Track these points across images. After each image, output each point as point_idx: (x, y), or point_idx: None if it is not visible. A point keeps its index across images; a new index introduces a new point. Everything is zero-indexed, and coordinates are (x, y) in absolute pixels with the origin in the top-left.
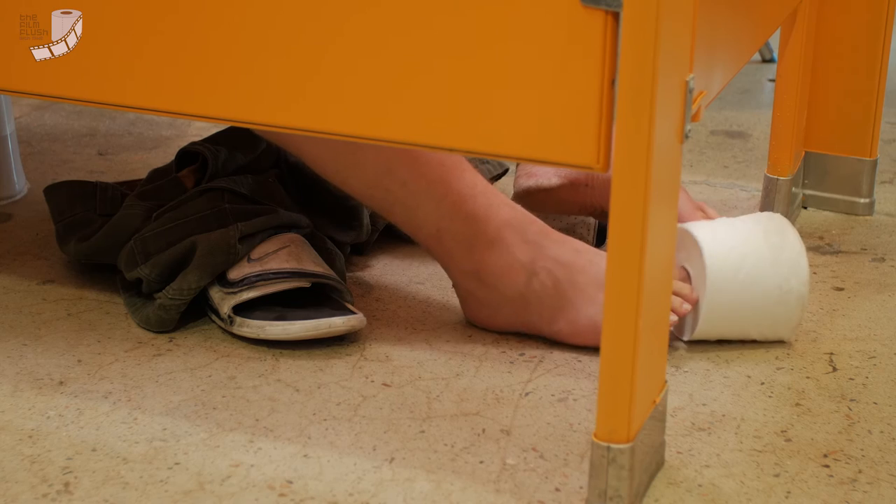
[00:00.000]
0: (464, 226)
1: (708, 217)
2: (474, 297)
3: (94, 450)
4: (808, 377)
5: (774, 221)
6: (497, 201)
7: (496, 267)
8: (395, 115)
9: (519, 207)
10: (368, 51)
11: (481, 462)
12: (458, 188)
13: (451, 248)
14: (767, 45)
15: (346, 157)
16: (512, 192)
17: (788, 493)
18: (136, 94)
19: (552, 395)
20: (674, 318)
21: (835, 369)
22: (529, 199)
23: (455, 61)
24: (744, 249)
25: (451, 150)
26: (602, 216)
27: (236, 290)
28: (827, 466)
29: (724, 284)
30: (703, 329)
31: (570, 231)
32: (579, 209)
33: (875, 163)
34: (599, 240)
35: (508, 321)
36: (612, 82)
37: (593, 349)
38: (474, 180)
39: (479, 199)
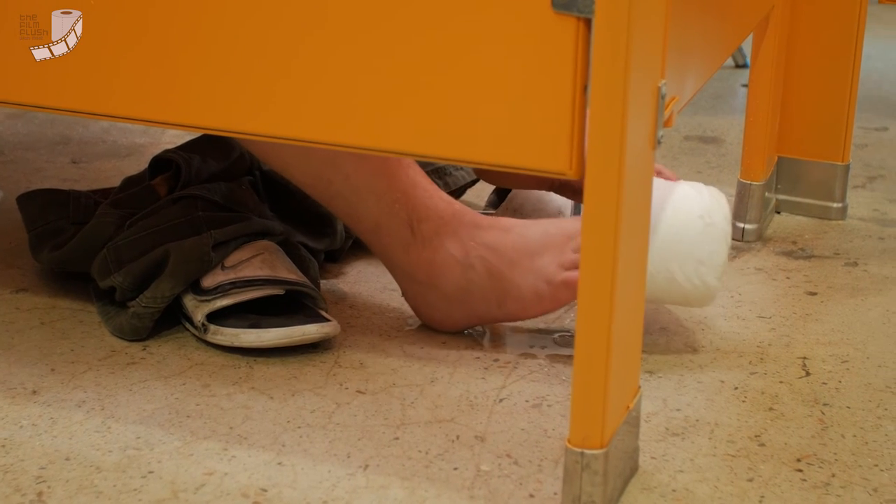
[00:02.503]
0: (401, 224)
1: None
2: (422, 300)
3: (67, 459)
4: (781, 382)
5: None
6: (435, 198)
7: (432, 265)
8: (366, 123)
9: (454, 202)
10: (336, 59)
11: (455, 469)
12: (400, 185)
13: (389, 244)
14: (740, 50)
15: (292, 147)
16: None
17: (762, 497)
18: (116, 103)
19: (526, 401)
20: None
21: (808, 374)
22: (493, 175)
23: (426, 68)
24: (664, 184)
25: (422, 156)
26: (560, 189)
27: (210, 297)
28: (800, 471)
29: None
30: None
31: None
32: (536, 182)
33: (847, 167)
34: None
35: (460, 318)
36: (585, 88)
37: (566, 355)
38: (416, 177)
39: (419, 197)
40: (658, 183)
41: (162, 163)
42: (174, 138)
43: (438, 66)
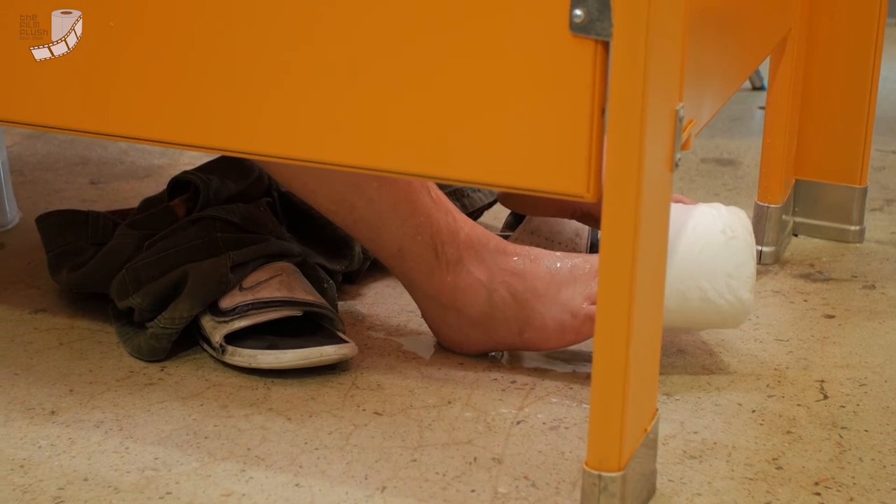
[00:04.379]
0: (425, 248)
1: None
2: (442, 322)
3: (85, 479)
4: (799, 405)
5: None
6: (459, 222)
7: (456, 288)
8: (384, 145)
9: (478, 226)
10: (354, 80)
11: (473, 491)
12: (423, 209)
13: (412, 268)
14: (758, 72)
15: (314, 171)
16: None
17: None
18: (117, 122)
19: (544, 424)
20: None
21: (826, 397)
22: (510, 200)
23: (444, 90)
24: (683, 207)
25: (441, 179)
26: (583, 219)
27: (228, 319)
28: (818, 494)
29: (672, 229)
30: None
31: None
32: (558, 211)
33: (865, 190)
34: None
35: (480, 342)
36: (602, 111)
37: (584, 377)
38: (439, 200)
39: (442, 221)
40: (677, 207)
41: (180, 184)
42: (192, 159)
43: (457, 88)
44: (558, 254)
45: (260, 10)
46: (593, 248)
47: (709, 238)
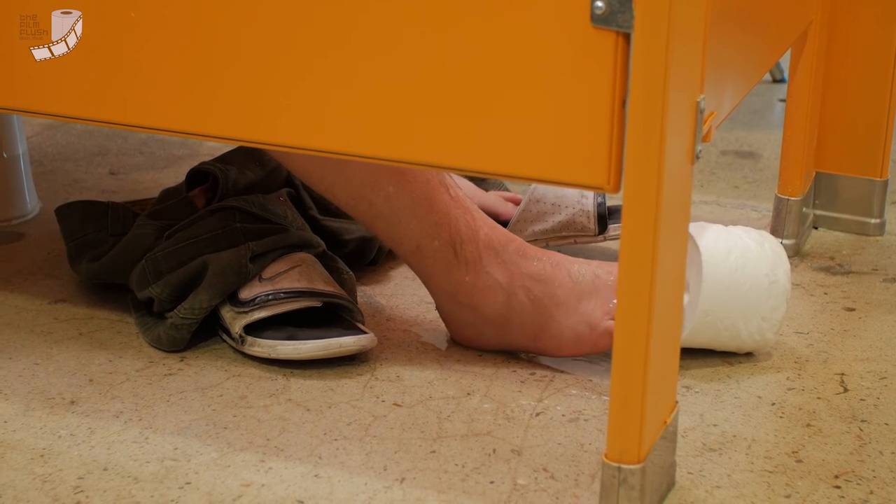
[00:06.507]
0: (444, 246)
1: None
2: (457, 317)
3: (105, 469)
4: (819, 398)
5: (747, 228)
6: (478, 221)
7: (474, 288)
8: (405, 136)
9: (498, 227)
10: (375, 69)
11: (492, 482)
12: (442, 206)
13: (431, 265)
14: (778, 65)
15: (333, 166)
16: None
17: None
18: (136, 112)
19: (563, 415)
20: None
21: (846, 390)
22: None
23: (465, 82)
24: (729, 239)
25: (460, 170)
26: None
27: (247, 309)
28: (838, 487)
29: (717, 267)
30: (700, 320)
31: (570, 223)
32: None
33: (886, 183)
34: (601, 226)
35: (493, 340)
36: (623, 103)
37: (603, 369)
38: (458, 199)
39: (461, 220)
40: (715, 229)
41: (199, 174)
42: (212, 150)
43: (477, 79)
44: (580, 260)
45: (286, 1)
46: (599, 206)
47: (753, 281)
